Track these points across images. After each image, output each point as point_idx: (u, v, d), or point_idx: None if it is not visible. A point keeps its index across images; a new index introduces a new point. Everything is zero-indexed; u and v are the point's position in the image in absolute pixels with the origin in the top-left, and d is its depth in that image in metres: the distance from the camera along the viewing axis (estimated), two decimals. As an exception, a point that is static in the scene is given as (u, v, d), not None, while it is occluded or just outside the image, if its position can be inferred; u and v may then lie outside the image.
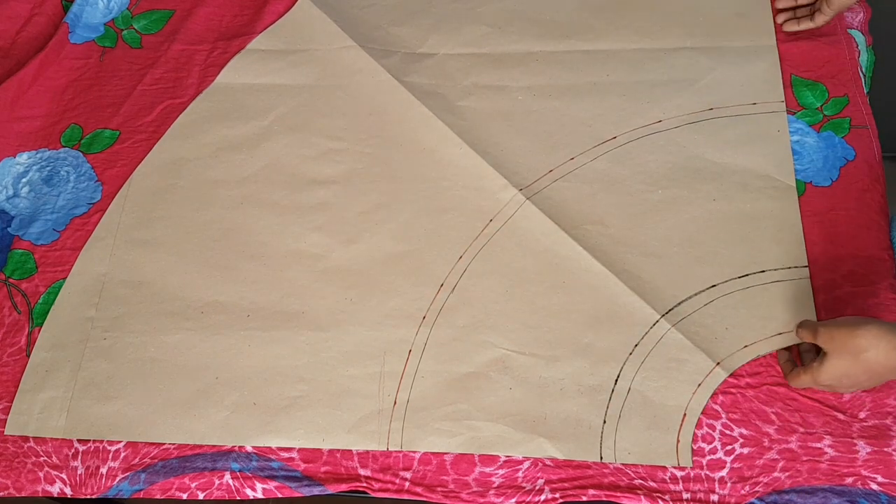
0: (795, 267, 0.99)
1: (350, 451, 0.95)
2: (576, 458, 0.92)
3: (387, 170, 1.13)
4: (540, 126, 1.14)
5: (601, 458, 0.91)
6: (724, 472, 0.89)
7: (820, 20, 1.13)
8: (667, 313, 0.98)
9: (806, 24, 1.15)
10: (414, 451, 0.95)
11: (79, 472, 0.98)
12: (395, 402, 0.97)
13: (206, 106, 1.23)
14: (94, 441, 0.99)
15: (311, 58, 1.25)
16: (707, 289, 0.99)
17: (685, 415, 0.92)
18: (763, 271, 0.99)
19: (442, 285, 1.04)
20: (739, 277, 0.99)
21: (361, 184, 1.13)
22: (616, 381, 0.95)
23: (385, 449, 0.95)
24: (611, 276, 1.01)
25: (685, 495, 0.89)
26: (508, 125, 1.15)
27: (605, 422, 0.93)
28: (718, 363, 0.94)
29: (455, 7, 1.28)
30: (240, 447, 0.97)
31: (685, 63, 1.17)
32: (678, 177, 1.07)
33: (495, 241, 1.06)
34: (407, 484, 0.94)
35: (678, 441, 0.91)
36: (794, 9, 1.18)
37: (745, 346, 0.95)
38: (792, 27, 1.16)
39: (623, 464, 0.91)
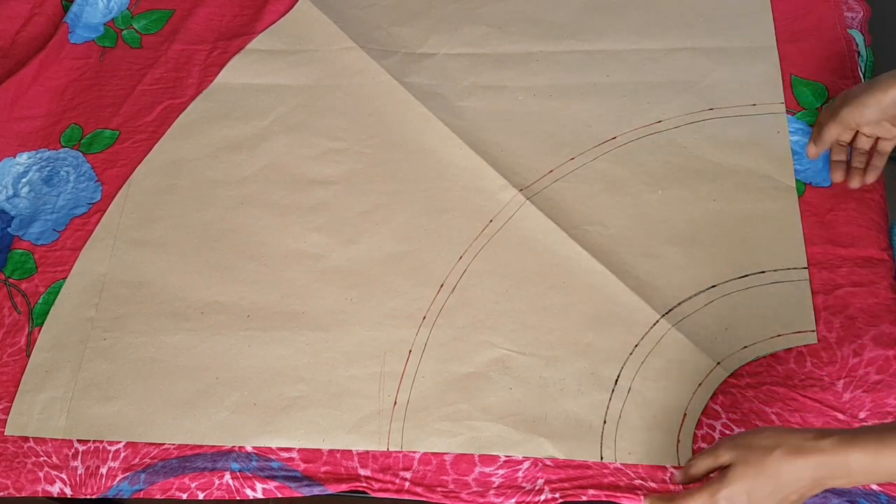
0: (795, 268, 0.99)
1: (350, 451, 0.95)
2: (576, 457, 0.92)
3: (387, 170, 1.13)
4: (540, 126, 1.14)
5: (601, 457, 0.91)
6: (724, 473, 0.89)
7: (871, 177, 1.01)
8: (667, 313, 0.98)
9: (859, 181, 1.02)
10: (414, 452, 0.95)
11: (79, 472, 0.98)
12: (395, 403, 0.97)
13: (205, 106, 1.23)
14: (94, 441, 0.99)
15: (311, 58, 1.25)
16: (707, 289, 0.99)
17: (685, 415, 0.92)
18: (763, 272, 0.99)
19: (442, 285, 1.04)
20: (739, 278, 0.99)
21: (361, 184, 1.13)
22: (616, 381, 0.95)
23: (385, 449, 0.95)
24: (611, 277, 1.01)
25: (685, 495, 0.89)
26: (508, 125, 1.15)
27: (605, 422, 0.93)
28: (718, 363, 0.94)
29: (455, 7, 1.28)
30: (240, 447, 0.97)
31: (685, 64, 1.16)
32: (678, 177, 1.07)
33: (495, 241, 1.06)
34: (407, 484, 0.94)
35: (678, 441, 0.91)
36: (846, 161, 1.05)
37: (745, 347, 0.95)
38: (855, 182, 1.02)
39: (623, 464, 0.91)
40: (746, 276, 0.99)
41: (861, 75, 1.12)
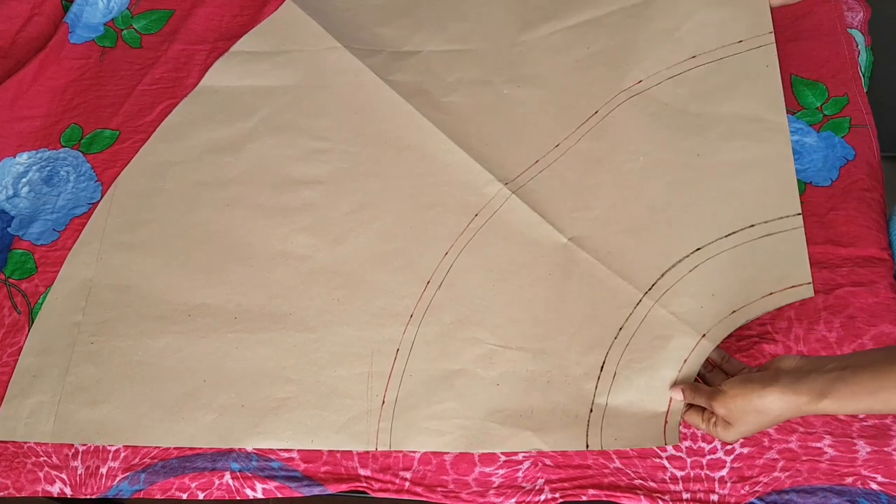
0: (787, 216, 0.96)
1: (350, 451, 0.96)
2: (561, 448, 0.91)
3: (372, 168, 1.13)
4: (525, 117, 1.13)
5: (587, 446, 0.90)
6: (724, 472, 0.89)
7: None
8: (650, 289, 0.96)
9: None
10: (414, 452, 0.95)
11: (79, 472, 0.99)
12: (383, 402, 0.97)
13: (190, 108, 1.23)
14: (95, 441, 1.00)
15: (295, 59, 1.25)
16: (691, 253, 0.97)
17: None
18: (752, 226, 0.97)
19: (429, 282, 1.03)
20: (726, 237, 0.97)
21: (347, 183, 1.12)
22: (602, 367, 0.94)
23: (374, 449, 0.95)
24: (596, 264, 0.99)
25: (685, 495, 0.89)
26: (493, 119, 1.14)
27: (591, 410, 0.92)
28: (704, 335, 0.91)
29: (439, 4, 1.27)
30: (240, 447, 0.97)
31: (664, 11, 1.14)
32: (658, 138, 1.05)
33: (481, 235, 1.05)
34: (407, 484, 0.94)
35: (665, 422, 0.89)
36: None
37: (734, 312, 0.92)
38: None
39: (623, 463, 0.90)
40: (733, 233, 0.97)
41: (861, 75, 1.10)
